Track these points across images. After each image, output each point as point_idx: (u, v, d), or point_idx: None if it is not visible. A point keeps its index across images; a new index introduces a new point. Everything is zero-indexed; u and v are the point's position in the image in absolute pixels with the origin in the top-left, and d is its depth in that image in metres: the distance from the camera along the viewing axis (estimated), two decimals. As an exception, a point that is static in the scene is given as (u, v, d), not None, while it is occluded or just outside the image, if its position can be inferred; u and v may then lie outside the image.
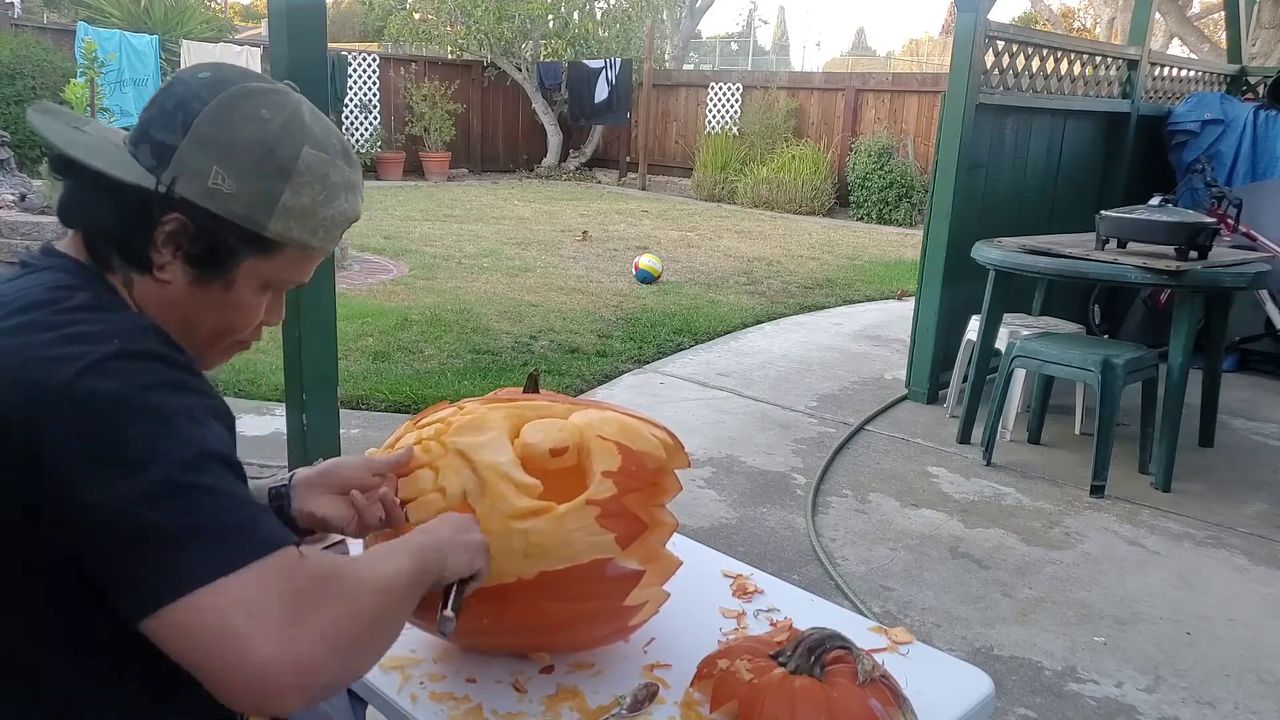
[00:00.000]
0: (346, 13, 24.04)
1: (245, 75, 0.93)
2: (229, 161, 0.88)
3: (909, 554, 3.04)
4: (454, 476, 1.11)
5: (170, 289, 0.91)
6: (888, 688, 1.03)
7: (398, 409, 4.11)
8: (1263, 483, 3.78)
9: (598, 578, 1.10)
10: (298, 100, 0.95)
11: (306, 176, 0.92)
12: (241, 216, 0.90)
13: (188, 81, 0.91)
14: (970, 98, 4.23)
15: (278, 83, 0.96)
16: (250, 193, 0.89)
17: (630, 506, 1.12)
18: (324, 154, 0.94)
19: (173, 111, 0.90)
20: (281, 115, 0.92)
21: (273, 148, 0.90)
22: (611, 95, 13.83)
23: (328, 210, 0.94)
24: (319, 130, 0.95)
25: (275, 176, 0.90)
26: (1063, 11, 22.90)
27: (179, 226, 0.89)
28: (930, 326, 4.48)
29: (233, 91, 0.90)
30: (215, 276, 0.92)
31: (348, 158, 0.97)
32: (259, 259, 0.93)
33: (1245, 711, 2.32)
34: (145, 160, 0.89)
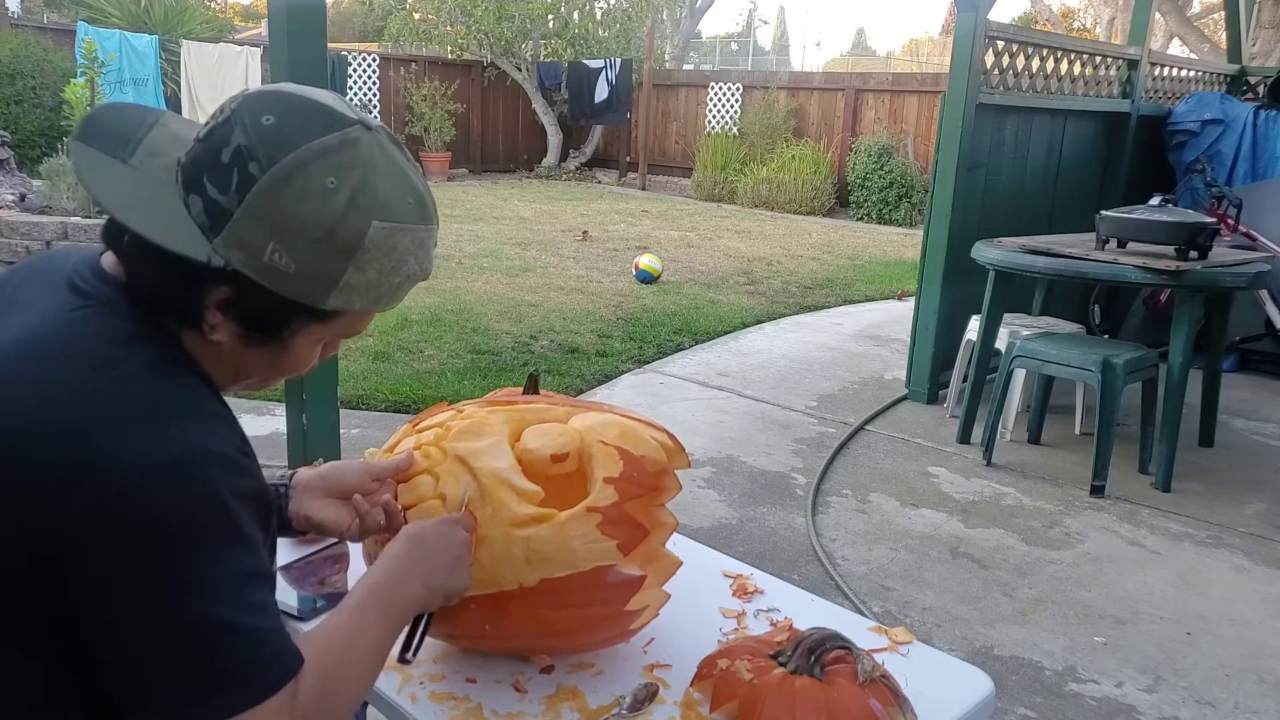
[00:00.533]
0: (346, 13, 24.04)
1: (310, 125, 0.82)
2: (288, 240, 0.81)
3: (909, 554, 3.04)
4: (454, 483, 1.10)
5: (221, 347, 0.87)
6: (888, 688, 1.03)
7: (398, 409, 4.11)
8: (1263, 483, 3.78)
9: (599, 584, 1.10)
10: (369, 153, 0.83)
11: (372, 254, 0.84)
12: (299, 294, 0.84)
13: (248, 128, 0.80)
14: (970, 98, 4.23)
15: (350, 126, 0.83)
16: (309, 273, 0.82)
17: (632, 513, 1.12)
18: (394, 223, 0.84)
19: (229, 166, 0.80)
20: (349, 184, 0.82)
21: (335, 228, 0.81)
22: (611, 95, 13.83)
23: (394, 279, 0.87)
24: (392, 194, 0.85)
25: (337, 257, 0.83)
26: (1063, 11, 22.92)
27: (230, 297, 0.83)
28: (930, 326, 4.48)
29: (296, 158, 0.80)
30: (269, 340, 0.88)
31: (423, 214, 0.88)
32: (316, 324, 0.89)
33: (1245, 711, 2.32)
34: (197, 215, 0.81)
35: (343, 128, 0.83)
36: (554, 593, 1.07)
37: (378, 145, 0.85)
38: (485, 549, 1.07)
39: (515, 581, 1.07)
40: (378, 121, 0.88)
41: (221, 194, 0.80)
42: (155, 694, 0.76)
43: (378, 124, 0.87)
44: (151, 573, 0.74)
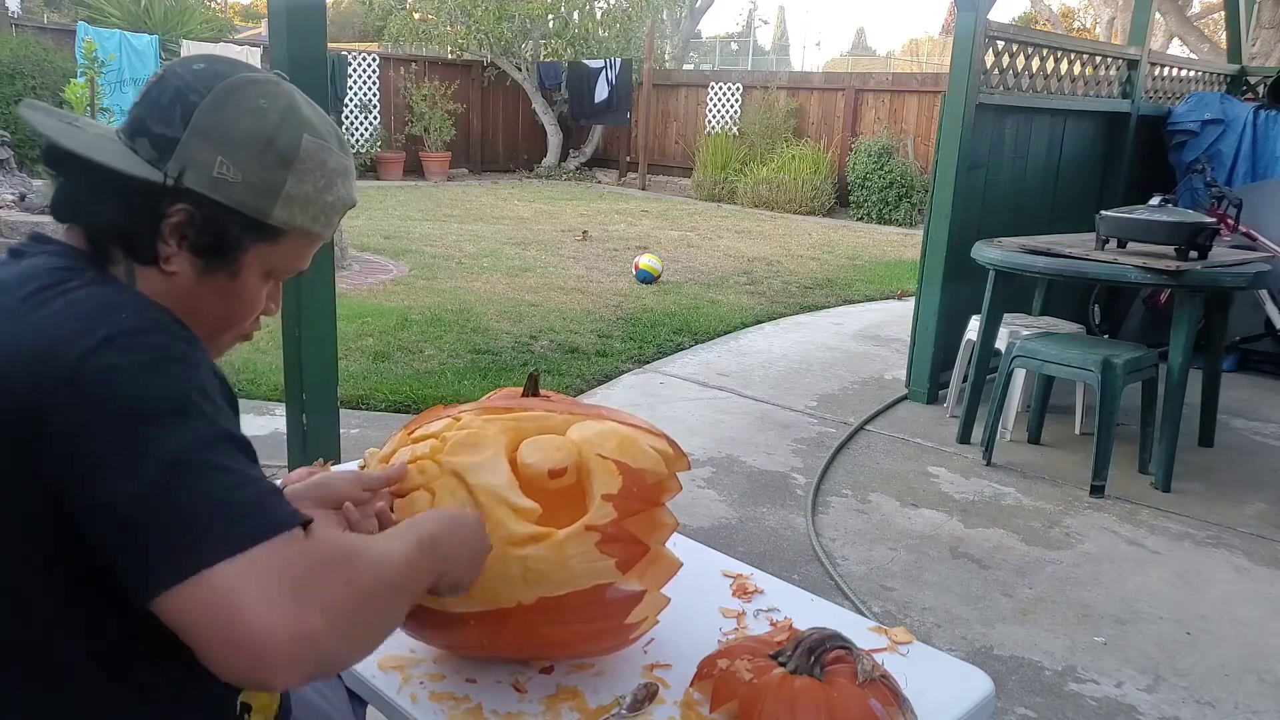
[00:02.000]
0: (346, 13, 24.04)
1: (237, 66, 0.95)
2: (232, 152, 0.90)
3: (909, 554, 3.04)
4: (450, 499, 1.09)
5: (176, 280, 0.92)
6: (888, 688, 1.03)
7: (398, 409, 4.11)
8: (1263, 483, 3.78)
9: (598, 602, 1.09)
10: (290, 89, 0.97)
11: (308, 164, 0.95)
12: (247, 205, 0.92)
13: (181, 74, 0.92)
14: (970, 97, 4.23)
15: (269, 73, 0.98)
16: (255, 181, 0.91)
17: (631, 529, 1.11)
18: (322, 141, 0.96)
19: (170, 105, 0.91)
20: (278, 105, 0.94)
21: (273, 137, 0.92)
22: (611, 95, 13.82)
23: (328, 196, 0.97)
24: (316, 118, 0.97)
25: (278, 165, 0.93)
26: (1063, 11, 22.91)
27: (186, 217, 0.90)
28: (930, 326, 4.48)
29: (230, 82, 0.92)
30: (221, 265, 0.94)
31: (342, 145, 1.00)
32: (264, 246, 0.95)
33: (1245, 711, 2.32)
34: (145, 153, 0.90)
35: (265, 72, 0.97)
36: (552, 610, 1.07)
37: (298, 91, 0.98)
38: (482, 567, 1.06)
39: (513, 599, 1.06)
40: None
41: (167, 127, 0.89)
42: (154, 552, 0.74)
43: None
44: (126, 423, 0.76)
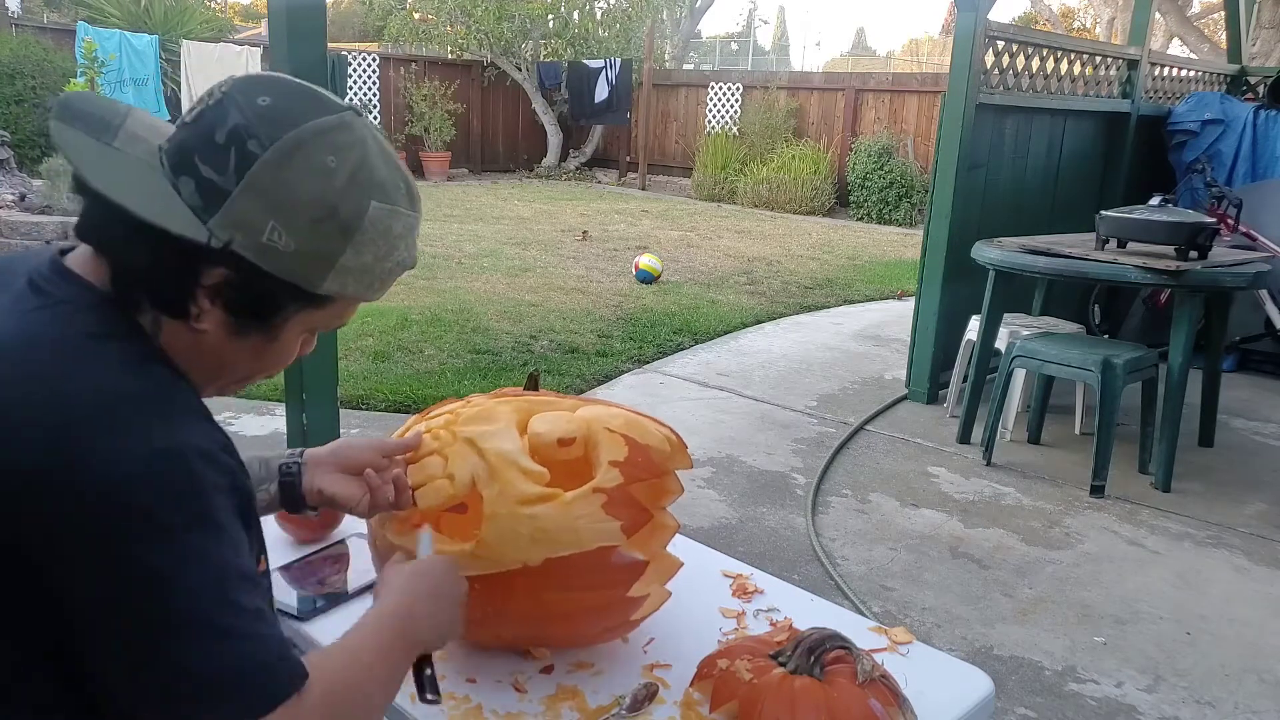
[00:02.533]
0: (346, 13, 24.04)
1: (306, 106, 0.82)
2: (288, 217, 0.79)
3: (909, 554, 3.04)
4: (463, 463, 1.12)
5: (206, 337, 0.84)
6: (888, 688, 1.03)
7: (398, 409, 4.11)
8: (1263, 483, 3.78)
9: (602, 566, 1.10)
10: (362, 136, 0.84)
11: (370, 234, 0.84)
12: (296, 275, 0.82)
13: (243, 108, 0.79)
14: (970, 98, 4.23)
15: (343, 110, 0.84)
16: (308, 251, 0.81)
17: (636, 495, 1.13)
18: (390, 205, 0.85)
19: (224, 147, 0.78)
20: (348, 163, 0.82)
21: (336, 206, 0.81)
22: (611, 95, 13.82)
23: (386, 264, 0.87)
24: (386, 175, 0.85)
25: (337, 236, 0.82)
26: (1063, 11, 22.91)
27: (224, 280, 0.80)
28: (930, 326, 4.48)
29: (296, 136, 0.80)
30: (258, 328, 0.85)
31: (411, 199, 0.88)
32: (308, 311, 0.87)
33: (1245, 711, 2.32)
34: (189, 197, 0.79)
35: (337, 110, 0.84)
36: (557, 573, 1.08)
37: (369, 129, 0.86)
38: (491, 527, 1.08)
39: (519, 560, 1.08)
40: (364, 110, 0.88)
41: (218, 174, 0.78)
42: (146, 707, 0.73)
43: (364, 112, 0.87)
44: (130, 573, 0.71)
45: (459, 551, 1.09)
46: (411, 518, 1.14)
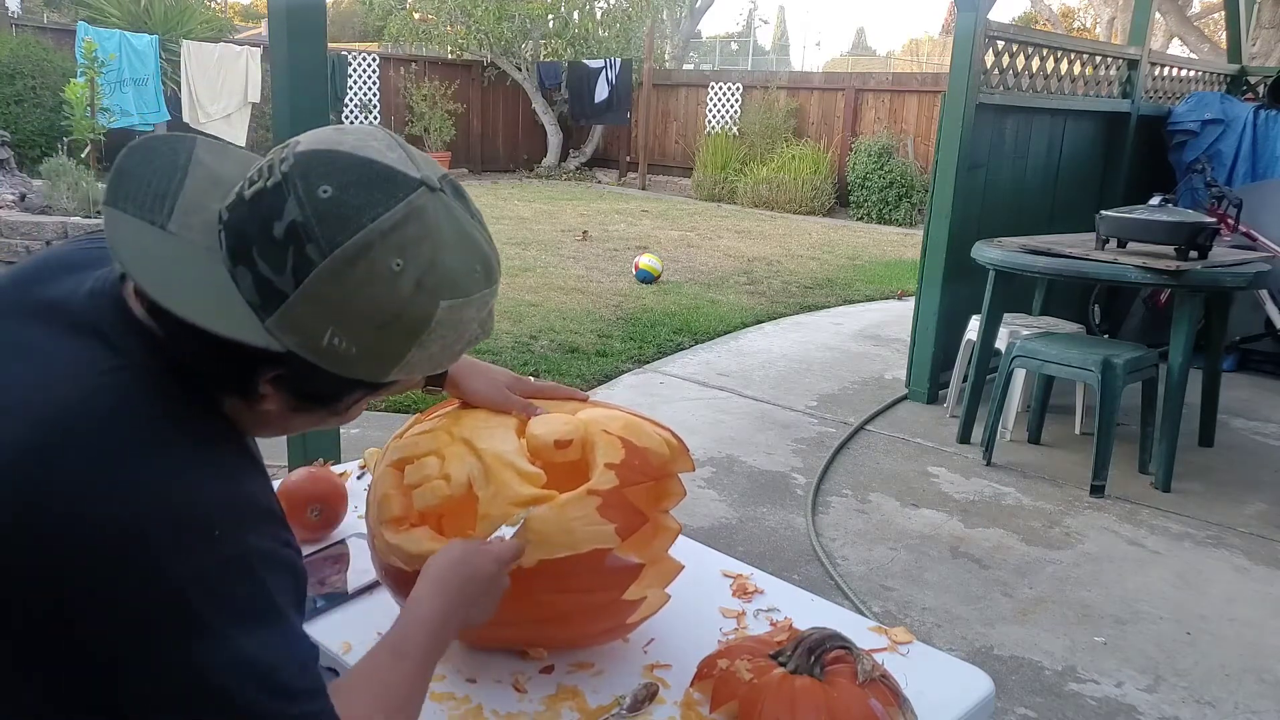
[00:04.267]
0: (346, 13, 24.04)
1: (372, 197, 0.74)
2: (349, 325, 0.75)
3: (909, 554, 3.04)
4: (459, 464, 1.12)
5: (271, 414, 0.82)
6: (888, 688, 1.03)
7: (398, 409, 4.11)
8: (1263, 483, 3.78)
9: (597, 569, 1.10)
10: (434, 224, 0.76)
11: (438, 331, 0.79)
12: (358, 373, 0.79)
13: (303, 201, 0.73)
14: (970, 97, 4.23)
15: (413, 192, 0.75)
16: (371, 354, 0.77)
17: (632, 499, 1.12)
18: (462, 298, 0.78)
19: (282, 244, 0.72)
20: (416, 264, 0.75)
21: (401, 313, 0.75)
22: (611, 95, 13.82)
23: (456, 347, 0.83)
24: (459, 264, 0.78)
25: (401, 339, 0.77)
26: (1063, 11, 22.91)
27: (285, 375, 0.78)
28: (930, 326, 4.48)
29: (357, 243, 0.73)
30: (321, 408, 0.84)
31: (489, 278, 0.81)
32: (372, 392, 0.85)
33: (1245, 711, 2.32)
34: (247, 292, 0.74)
35: (406, 194, 0.75)
36: (552, 575, 1.08)
37: (443, 210, 0.77)
38: (485, 527, 1.08)
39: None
40: (440, 173, 0.79)
41: (275, 273, 0.73)
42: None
43: (441, 178, 0.79)
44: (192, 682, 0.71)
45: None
46: (409, 517, 1.14)
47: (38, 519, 0.70)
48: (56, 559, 0.70)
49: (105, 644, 0.71)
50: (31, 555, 0.70)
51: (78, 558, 0.70)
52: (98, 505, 0.70)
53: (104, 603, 0.70)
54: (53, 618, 0.71)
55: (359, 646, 1.20)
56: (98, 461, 0.72)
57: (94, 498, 0.71)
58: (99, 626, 0.71)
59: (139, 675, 0.72)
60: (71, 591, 0.70)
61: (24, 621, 0.72)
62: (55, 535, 0.70)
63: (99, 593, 0.70)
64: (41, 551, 0.70)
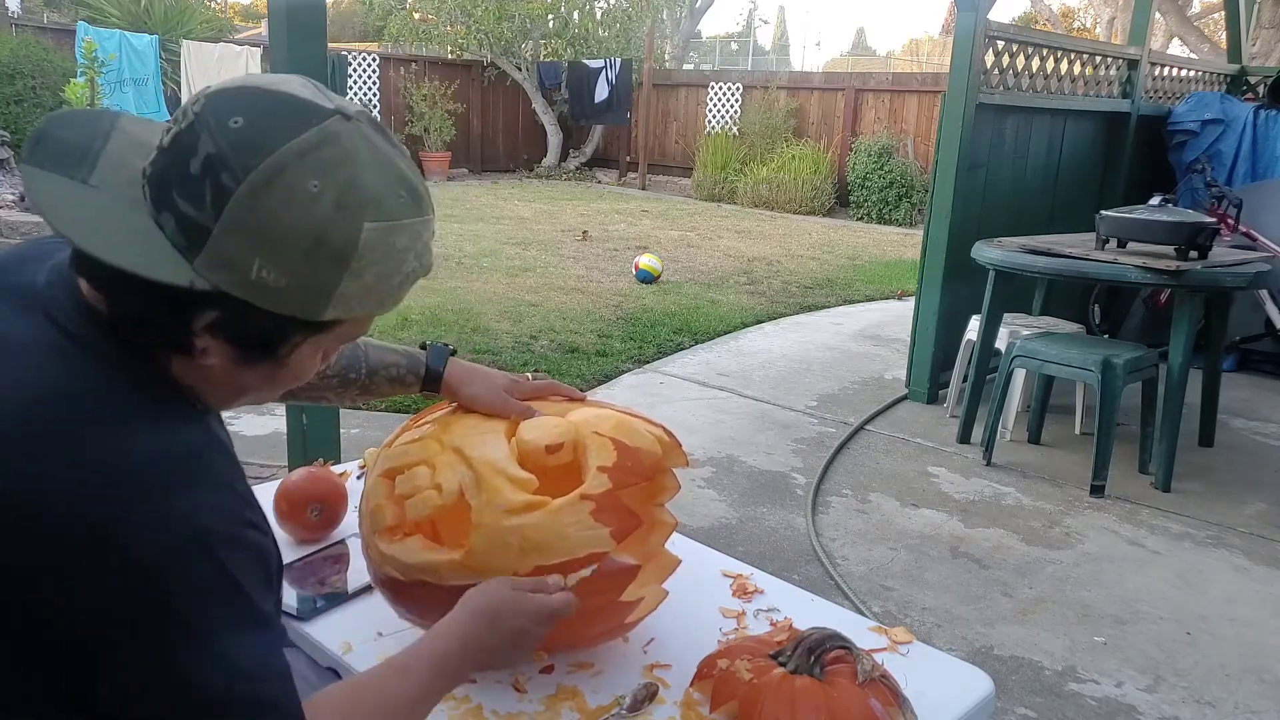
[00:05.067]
0: (346, 13, 24.04)
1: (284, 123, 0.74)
2: (273, 252, 0.74)
3: (909, 554, 3.04)
4: (450, 473, 1.12)
5: (214, 369, 0.80)
6: (888, 688, 1.03)
7: (398, 409, 4.11)
8: (1263, 483, 3.78)
9: (593, 572, 1.10)
10: (350, 147, 0.76)
11: (368, 258, 0.77)
12: (293, 308, 0.77)
13: (215, 133, 0.73)
14: (970, 97, 4.23)
15: (327, 119, 0.76)
16: (302, 285, 0.76)
17: (626, 501, 1.12)
18: (388, 221, 0.77)
19: (199, 179, 0.72)
20: (334, 184, 0.74)
21: (323, 234, 0.74)
22: (611, 95, 13.82)
23: (394, 279, 0.81)
24: (382, 186, 0.77)
25: (330, 265, 0.76)
26: (1063, 11, 22.91)
27: (220, 319, 0.77)
28: (930, 326, 4.48)
29: (273, 163, 0.72)
30: (265, 358, 0.82)
31: (417, 205, 0.80)
32: (314, 336, 0.82)
33: (1245, 712, 2.32)
34: (172, 235, 0.73)
35: (319, 121, 0.75)
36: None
37: (360, 136, 0.77)
38: (479, 536, 1.07)
39: (509, 569, 1.07)
40: (356, 106, 0.80)
41: (196, 209, 0.72)
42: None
43: (357, 109, 0.79)
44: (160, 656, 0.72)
45: (448, 561, 1.08)
46: (402, 527, 1.13)
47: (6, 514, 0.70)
48: (20, 552, 0.70)
49: (77, 636, 0.71)
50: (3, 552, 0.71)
51: (42, 550, 0.70)
52: (62, 495, 0.71)
53: (67, 589, 0.70)
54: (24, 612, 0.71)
55: (359, 646, 1.20)
56: (59, 454, 0.72)
57: (57, 488, 0.71)
58: (69, 618, 0.71)
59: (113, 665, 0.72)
60: (41, 585, 0.70)
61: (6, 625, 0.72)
62: (22, 531, 0.70)
63: (66, 584, 0.70)
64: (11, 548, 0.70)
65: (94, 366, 0.76)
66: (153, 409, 0.78)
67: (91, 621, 0.71)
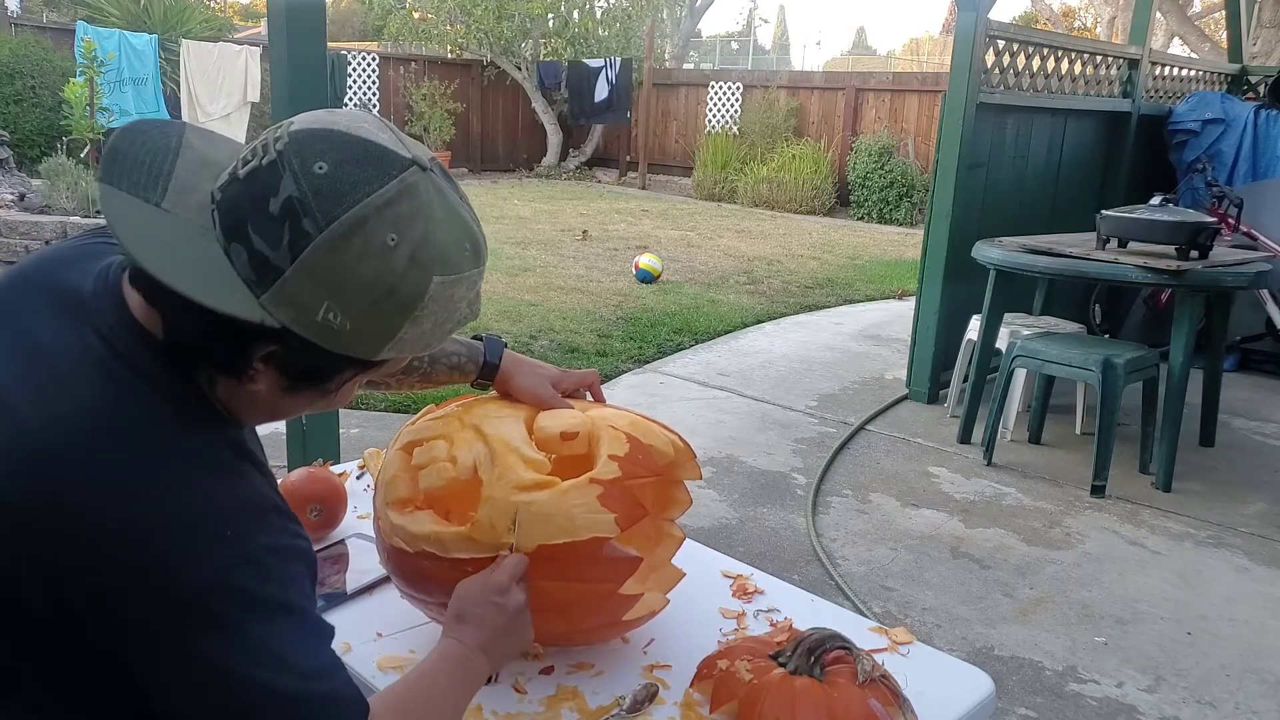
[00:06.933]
0: (346, 12, 24.05)
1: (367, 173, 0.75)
2: (344, 299, 0.75)
3: (909, 554, 3.04)
4: (466, 449, 1.14)
5: (259, 393, 0.82)
6: (888, 688, 1.03)
7: (398, 409, 4.11)
8: (1263, 482, 3.77)
9: (595, 558, 1.10)
10: (426, 201, 0.77)
11: (430, 308, 0.79)
12: (351, 350, 0.79)
13: (299, 177, 0.73)
14: (971, 97, 4.23)
15: (406, 170, 0.76)
16: (365, 330, 0.78)
17: (634, 492, 1.13)
18: (454, 275, 0.79)
19: (278, 219, 0.73)
20: (410, 240, 0.76)
21: (395, 286, 0.76)
22: (611, 94, 13.82)
23: (447, 325, 0.84)
24: (451, 241, 0.79)
25: (396, 315, 0.78)
26: (1063, 11, 22.91)
27: (278, 352, 0.78)
28: (931, 326, 4.47)
29: (353, 217, 0.73)
30: (312, 388, 0.84)
31: (477, 258, 0.83)
32: (364, 372, 0.85)
33: (1246, 712, 2.31)
34: (242, 268, 0.74)
35: (399, 172, 0.76)
36: (550, 561, 1.08)
37: (434, 188, 0.78)
38: (487, 509, 1.09)
39: (512, 544, 1.08)
40: (429, 155, 0.81)
41: (271, 249, 0.73)
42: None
43: (430, 159, 0.80)
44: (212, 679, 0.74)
45: (453, 533, 1.09)
46: (415, 499, 1.15)
47: (50, 525, 0.72)
48: (70, 565, 0.72)
49: (125, 650, 0.74)
50: (44, 560, 0.72)
51: (93, 564, 0.72)
52: (110, 513, 0.72)
53: (120, 609, 0.72)
54: (65, 623, 0.73)
55: (359, 646, 1.20)
56: (106, 467, 0.73)
57: (106, 505, 0.72)
58: (116, 632, 0.73)
59: (163, 677, 0.75)
60: (86, 598, 0.72)
61: (39, 626, 0.74)
62: (68, 542, 0.72)
63: (115, 599, 0.72)
64: (55, 557, 0.72)
65: (136, 382, 0.78)
66: (194, 426, 0.80)
67: (144, 638, 0.73)
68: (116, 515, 0.72)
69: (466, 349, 1.27)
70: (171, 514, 0.73)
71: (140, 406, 0.77)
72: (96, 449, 0.74)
